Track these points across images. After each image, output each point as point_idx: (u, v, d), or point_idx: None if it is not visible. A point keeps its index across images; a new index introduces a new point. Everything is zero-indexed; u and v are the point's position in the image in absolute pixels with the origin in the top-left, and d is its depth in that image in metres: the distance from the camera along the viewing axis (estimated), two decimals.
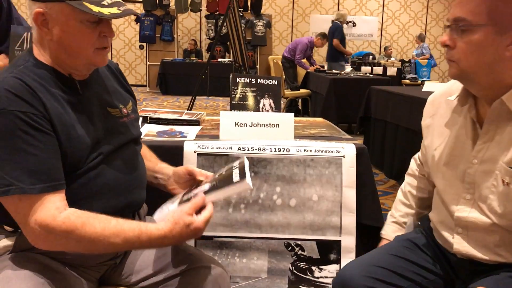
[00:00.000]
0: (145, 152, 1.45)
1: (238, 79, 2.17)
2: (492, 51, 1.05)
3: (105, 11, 1.09)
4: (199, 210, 1.11)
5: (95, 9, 1.08)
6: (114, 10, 1.11)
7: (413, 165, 1.55)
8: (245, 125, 1.87)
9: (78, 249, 1.07)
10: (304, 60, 7.71)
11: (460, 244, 1.23)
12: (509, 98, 1.09)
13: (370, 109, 4.75)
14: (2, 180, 1.01)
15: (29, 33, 1.98)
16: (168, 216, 1.10)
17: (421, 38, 10.27)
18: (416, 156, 1.55)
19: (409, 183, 1.55)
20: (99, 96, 1.24)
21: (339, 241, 1.75)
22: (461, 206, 1.22)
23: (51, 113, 1.08)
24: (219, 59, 10.68)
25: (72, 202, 1.10)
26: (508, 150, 1.10)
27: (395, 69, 8.26)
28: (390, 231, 1.52)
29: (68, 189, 1.10)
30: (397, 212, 1.54)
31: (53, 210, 1.04)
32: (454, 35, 1.09)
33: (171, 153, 1.69)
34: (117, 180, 1.19)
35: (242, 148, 1.77)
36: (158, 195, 1.35)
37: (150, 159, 1.43)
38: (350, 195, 1.75)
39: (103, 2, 1.11)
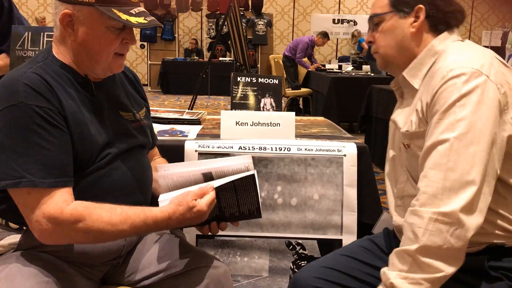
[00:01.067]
0: (163, 162, 1.48)
1: (239, 78, 2.17)
2: (400, 31, 1.23)
3: (133, 19, 1.12)
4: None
5: (123, 16, 1.11)
6: (141, 19, 1.14)
7: None
8: (246, 124, 1.87)
9: (86, 239, 1.08)
10: (306, 60, 7.70)
11: (397, 217, 1.28)
12: (408, 72, 1.24)
13: (371, 108, 4.75)
14: (14, 172, 1.03)
15: (29, 33, 1.98)
16: (173, 199, 1.14)
17: None
18: None
19: None
20: (112, 99, 1.26)
21: (340, 240, 1.75)
22: (401, 177, 1.29)
23: (66, 110, 1.11)
24: (220, 58, 10.68)
25: (91, 197, 1.12)
26: (407, 119, 1.22)
27: None
28: None
29: (77, 188, 1.11)
30: None
31: (61, 203, 1.05)
32: (373, 32, 1.28)
33: (172, 152, 1.69)
34: (124, 181, 1.21)
35: (243, 147, 1.77)
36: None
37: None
38: (351, 194, 1.75)
39: (131, 11, 1.14)
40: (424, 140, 1.11)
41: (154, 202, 1.35)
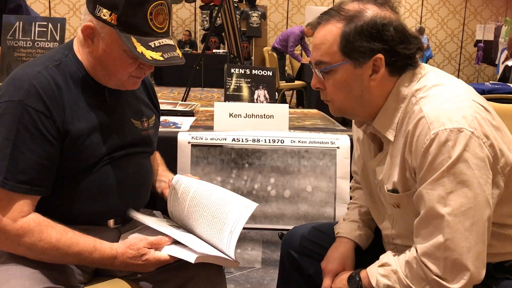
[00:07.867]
0: (157, 157, 1.50)
1: (232, 70, 2.17)
2: (358, 84, 1.07)
3: (148, 54, 1.09)
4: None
5: (139, 48, 1.08)
6: (158, 55, 1.10)
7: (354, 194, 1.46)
8: (240, 116, 1.86)
9: (28, 254, 1.07)
10: (298, 52, 7.69)
11: (391, 252, 1.19)
12: (377, 122, 1.11)
13: None
14: None
15: (20, 22, 1.96)
16: (128, 239, 1.14)
17: (420, 32, 10.27)
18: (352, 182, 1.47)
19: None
20: (125, 106, 1.27)
21: None
22: (385, 222, 1.20)
23: (68, 119, 1.10)
24: (214, 50, 10.62)
25: (85, 198, 1.15)
26: (390, 175, 1.10)
27: None
28: (349, 229, 1.32)
29: (80, 187, 1.14)
30: (351, 214, 1.37)
31: (16, 212, 1.04)
32: (321, 77, 1.10)
33: (165, 144, 1.68)
34: (126, 184, 1.23)
35: (236, 139, 1.77)
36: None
37: (160, 165, 1.48)
38: (344, 186, 1.76)
39: (150, 43, 1.10)
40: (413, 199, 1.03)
41: (150, 202, 1.37)
